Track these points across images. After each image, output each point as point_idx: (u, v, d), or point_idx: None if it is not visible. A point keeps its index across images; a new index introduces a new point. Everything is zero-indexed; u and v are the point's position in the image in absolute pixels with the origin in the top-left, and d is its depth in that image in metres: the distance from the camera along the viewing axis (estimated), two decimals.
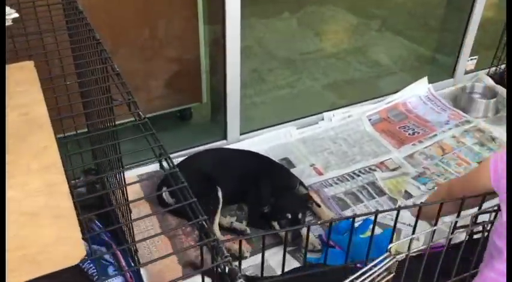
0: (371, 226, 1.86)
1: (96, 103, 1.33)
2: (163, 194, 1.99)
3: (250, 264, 1.80)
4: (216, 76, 2.39)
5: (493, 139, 2.47)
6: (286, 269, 1.76)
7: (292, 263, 1.79)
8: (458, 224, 1.21)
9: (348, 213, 2.03)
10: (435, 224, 1.26)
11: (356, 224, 1.89)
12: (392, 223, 1.98)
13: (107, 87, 1.24)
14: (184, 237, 1.90)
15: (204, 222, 0.91)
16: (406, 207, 1.46)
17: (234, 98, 2.31)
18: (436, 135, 2.50)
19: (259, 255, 1.83)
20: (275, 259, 1.81)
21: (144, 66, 2.26)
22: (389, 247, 1.75)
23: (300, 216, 1.83)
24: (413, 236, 1.03)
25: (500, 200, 1.15)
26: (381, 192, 2.13)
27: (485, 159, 1.27)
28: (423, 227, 1.81)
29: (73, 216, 0.81)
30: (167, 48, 2.27)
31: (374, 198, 2.10)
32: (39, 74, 1.19)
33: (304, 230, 1.87)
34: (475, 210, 1.21)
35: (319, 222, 1.93)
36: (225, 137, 2.36)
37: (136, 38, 2.16)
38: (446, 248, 1.14)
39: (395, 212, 2.01)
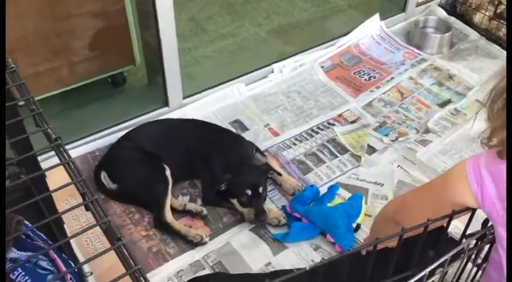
0: (338, 192, 1.73)
1: None
2: (103, 179, 1.75)
3: (211, 250, 1.62)
4: (148, 30, 2.07)
5: (451, 77, 2.36)
6: (252, 249, 1.61)
7: (259, 243, 1.63)
8: None
9: (310, 176, 1.87)
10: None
11: (322, 192, 1.74)
12: (357, 183, 1.86)
13: None
14: (133, 227, 1.69)
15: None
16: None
17: (172, 54, 2.01)
18: (393, 78, 2.34)
19: (221, 239, 1.67)
20: (238, 240, 1.65)
21: (59, 25, 1.90)
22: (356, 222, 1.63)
23: (260, 190, 1.66)
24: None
25: (495, 221, 0.85)
26: (343, 150, 1.98)
27: (455, 169, 0.93)
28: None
29: None
30: (85, 1, 1.91)
31: (336, 157, 1.95)
32: None
33: (268, 205, 1.70)
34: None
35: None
36: (166, 103, 2.09)
37: None
38: None
39: (360, 171, 1.91)
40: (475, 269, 0.91)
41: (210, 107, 2.14)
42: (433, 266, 0.66)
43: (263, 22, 2.74)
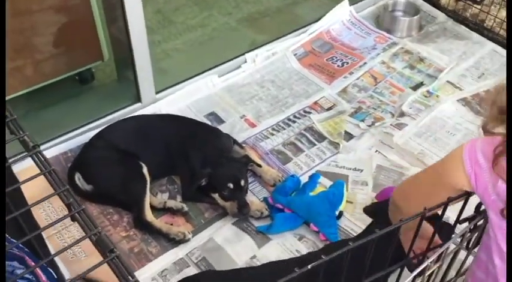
0: (319, 180, 1.73)
1: None
2: (77, 181, 1.69)
3: (195, 247, 1.60)
4: (115, 24, 2.00)
5: (422, 60, 2.38)
6: (236, 243, 1.59)
7: (242, 237, 1.61)
8: None
9: (290, 166, 1.86)
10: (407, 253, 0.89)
11: (303, 182, 1.74)
12: (337, 170, 1.86)
13: None
14: (112, 229, 1.64)
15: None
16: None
17: (142, 48, 1.95)
18: (365, 63, 2.34)
19: (204, 235, 1.64)
20: (221, 235, 1.63)
21: (20, 21, 1.81)
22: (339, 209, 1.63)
23: (242, 183, 1.63)
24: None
25: (487, 205, 0.86)
26: (320, 137, 1.97)
27: (453, 151, 0.93)
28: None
29: None
30: None
31: (314, 145, 1.95)
32: None
33: (249, 197, 1.68)
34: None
35: None
36: (138, 99, 2.03)
37: None
38: None
39: (339, 158, 1.91)
40: (464, 253, 0.91)
41: (183, 100, 2.10)
42: (439, 252, 0.64)
43: (232, 11, 2.69)
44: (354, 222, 1.66)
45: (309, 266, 0.58)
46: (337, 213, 1.62)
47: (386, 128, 2.00)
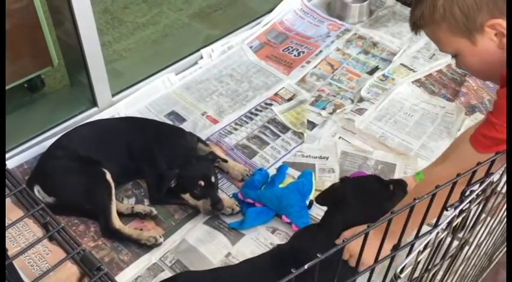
0: (287, 171, 1.73)
1: None
2: (37, 193, 1.61)
3: (167, 250, 1.57)
4: (63, 26, 1.91)
5: (375, 44, 2.42)
6: (210, 242, 1.57)
7: (215, 235, 1.60)
8: None
9: (256, 160, 1.85)
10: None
11: (271, 174, 1.73)
12: (303, 160, 1.87)
13: None
14: (79, 240, 1.57)
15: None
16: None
17: (94, 50, 1.88)
18: (321, 51, 2.36)
19: (176, 237, 1.61)
20: (194, 235, 1.60)
21: None
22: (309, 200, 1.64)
23: (213, 179, 1.61)
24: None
25: None
26: (284, 129, 1.98)
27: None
28: None
29: None
30: None
31: (279, 136, 1.95)
32: None
33: (220, 194, 1.66)
34: None
35: None
36: (94, 103, 1.96)
37: None
38: None
39: (304, 147, 1.91)
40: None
41: (142, 101, 2.04)
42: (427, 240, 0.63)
43: (183, 7, 2.64)
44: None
45: (306, 266, 0.57)
46: (307, 202, 1.63)
47: (347, 114, 2.03)
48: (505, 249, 1.49)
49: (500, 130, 0.99)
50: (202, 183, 1.58)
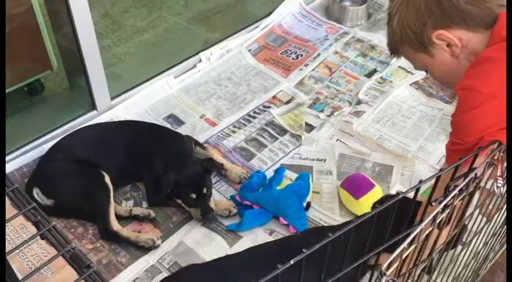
0: (285, 174, 1.74)
1: None
2: (36, 196, 1.62)
3: (165, 252, 1.57)
4: (62, 31, 1.93)
5: (373, 47, 2.43)
6: (207, 244, 1.58)
7: (213, 237, 1.60)
8: None
9: (254, 162, 1.86)
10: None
11: (268, 176, 1.74)
12: (301, 162, 1.88)
13: None
14: (77, 242, 1.59)
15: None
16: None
17: (93, 53, 1.89)
18: (319, 54, 2.37)
19: (173, 239, 1.62)
20: (192, 237, 1.61)
21: None
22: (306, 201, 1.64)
23: (205, 190, 1.60)
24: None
25: None
26: (282, 131, 1.98)
27: None
28: None
29: None
30: None
31: (277, 139, 1.95)
32: None
33: (216, 197, 1.67)
34: None
35: None
36: (93, 107, 1.97)
37: None
38: None
39: (302, 150, 1.92)
40: None
41: (141, 105, 2.05)
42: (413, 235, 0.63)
43: (182, 11, 2.66)
44: (322, 212, 1.68)
45: (291, 262, 0.57)
46: (305, 204, 1.64)
47: (345, 117, 2.04)
48: (502, 250, 1.49)
49: (459, 144, 1.06)
50: (193, 195, 1.57)
